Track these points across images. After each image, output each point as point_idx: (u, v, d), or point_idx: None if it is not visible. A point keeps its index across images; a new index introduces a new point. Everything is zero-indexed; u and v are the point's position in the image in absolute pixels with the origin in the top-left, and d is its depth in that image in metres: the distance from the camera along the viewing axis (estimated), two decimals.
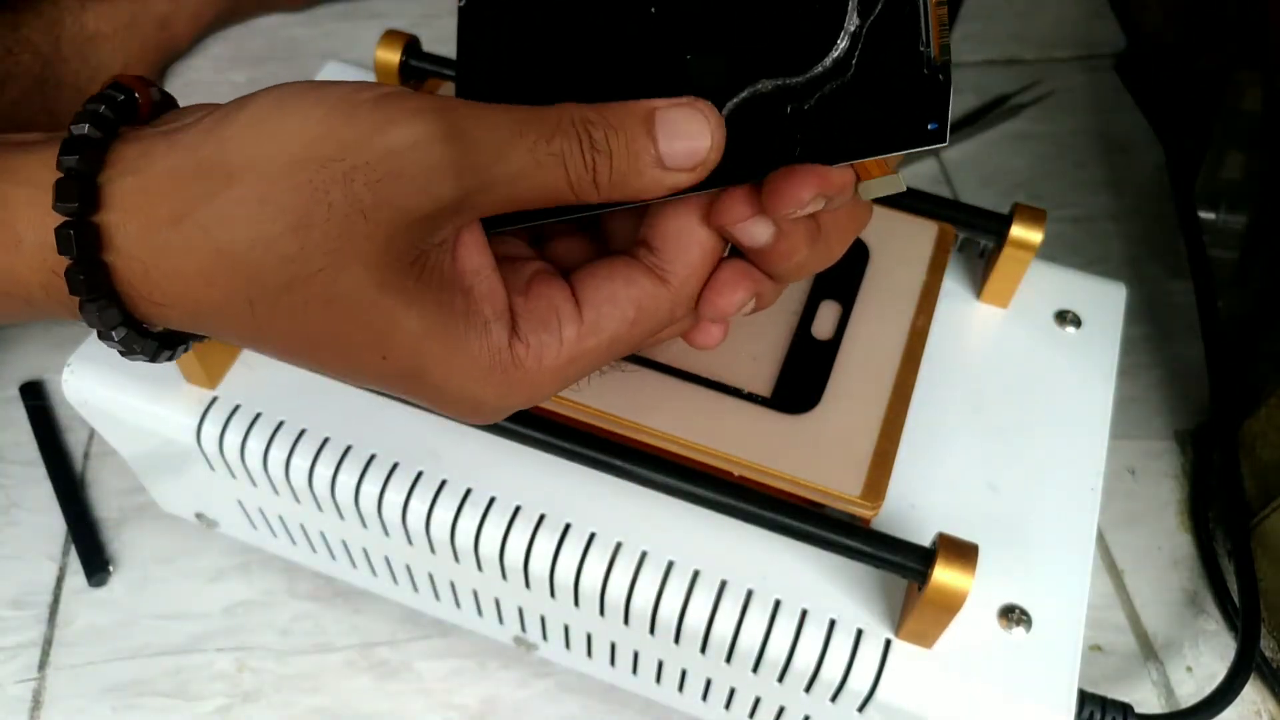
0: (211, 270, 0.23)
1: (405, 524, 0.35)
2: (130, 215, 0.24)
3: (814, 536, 0.31)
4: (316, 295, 0.23)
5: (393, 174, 0.23)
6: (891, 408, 0.34)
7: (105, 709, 0.42)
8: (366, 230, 0.23)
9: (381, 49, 0.41)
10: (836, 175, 0.25)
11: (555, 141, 0.24)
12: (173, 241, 0.23)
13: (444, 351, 0.24)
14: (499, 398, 0.25)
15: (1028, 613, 0.33)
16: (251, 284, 0.23)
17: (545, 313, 0.26)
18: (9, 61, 0.54)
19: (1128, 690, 0.43)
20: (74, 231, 0.23)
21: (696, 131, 0.25)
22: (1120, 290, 0.41)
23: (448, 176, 0.23)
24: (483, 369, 0.25)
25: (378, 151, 0.23)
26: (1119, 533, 0.48)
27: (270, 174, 0.23)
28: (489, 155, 0.23)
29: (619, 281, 0.26)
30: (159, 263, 0.24)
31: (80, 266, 0.23)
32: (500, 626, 0.40)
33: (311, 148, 0.23)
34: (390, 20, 0.69)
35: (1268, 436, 0.45)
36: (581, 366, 0.26)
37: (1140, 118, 0.64)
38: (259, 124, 0.23)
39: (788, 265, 0.27)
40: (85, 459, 0.49)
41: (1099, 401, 0.38)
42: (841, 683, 0.32)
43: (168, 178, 0.24)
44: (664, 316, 0.27)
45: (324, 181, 0.22)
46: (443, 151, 0.23)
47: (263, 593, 0.45)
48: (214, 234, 0.23)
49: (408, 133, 0.23)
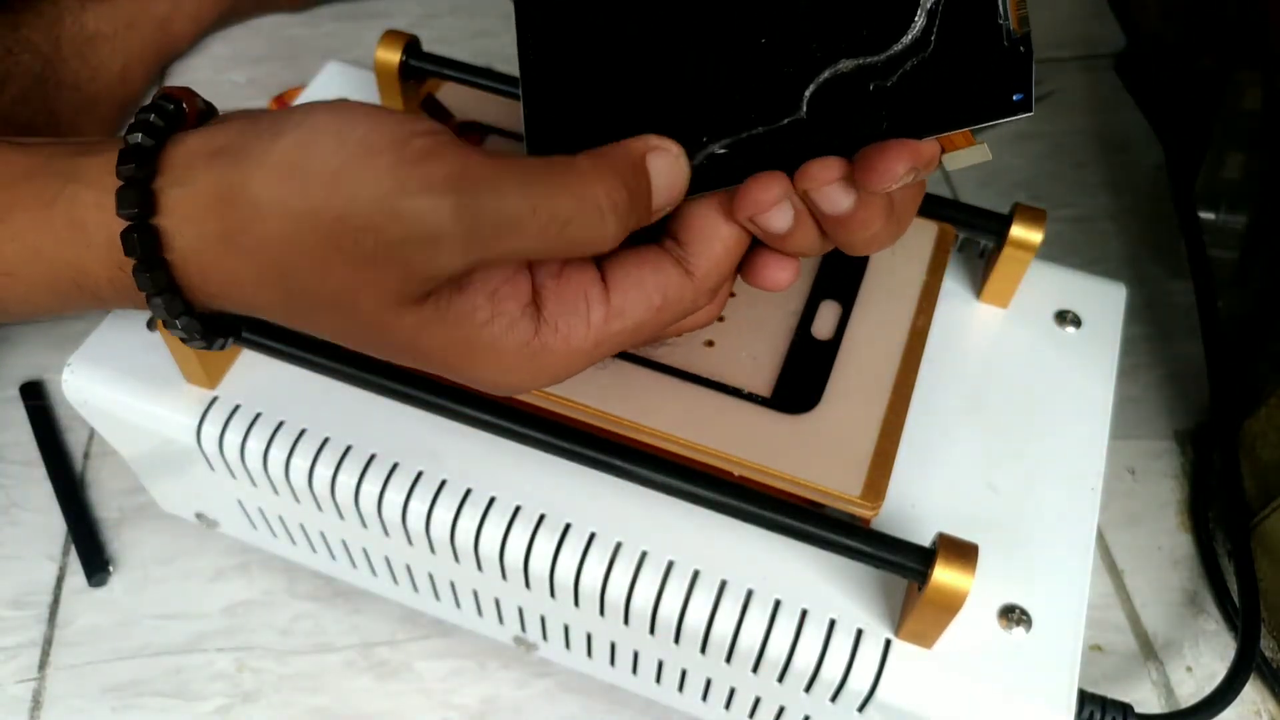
0: (257, 281, 0.26)
1: (405, 524, 0.35)
2: (184, 224, 0.26)
3: (814, 536, 0.31)
4: (341, 317, 0.26)
5: (401, 240, 0.24)
6: (891, 408, 0.34)
7: (105, 709, 0.42)
8: (375, 278, 0.25)
9: (381, 49, 0.41)
10: (926, 148, 0.26)
11: (579, 230, 0.25)
12: (223, 256, 0.26)
13: (471, 354, 0.26)
14: (527, 379, 0.27)
15: (1028, 613, 0.33)
16: (290, 299, 0.26)
17: (574, 297, 0.27)
18: (9, 61, 0.54)
19: (1128, 690, 0.43)
20: (137, 235, 0.26)
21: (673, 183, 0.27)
22: (1120, 290, 0.41)
23: (456, 250, 0.24)
24: (510, 361, 0.26)
25: (386, 216, 0.24)
26: (1119, 533, 0.48)
27: (293, 217, 0.25)
28: (499, 230, 0.24)
29: (647, 269, 0.27)
30: (213, 270, 0.26)
31: (144, 265, 0.26)
32: (500, 626, 0.40)
33: (328, 200, 0.24)
34: (390, 20, 0.69)
35: (1268, 436, 0.45)
36: (606, 349, 0.27)
37: (1140, 118, 0.64)
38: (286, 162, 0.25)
39: (863, 236, 0.28)
40: (85, 459, 0.49)
41: (1099, 401, 0.38)
42: (841, 683, 0.32)
43: (212, 198, 0.26)
44: (686, 305, 0.28)
45: (338, 232, 0.24)
46: (451, 229, 0.24)
47: (263, 593, 0.45)
48: (255, 256, 0.26)
49: (417, 206, 0.24)
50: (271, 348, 0.34)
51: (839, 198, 0.27)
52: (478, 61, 0.42)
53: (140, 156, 0.26)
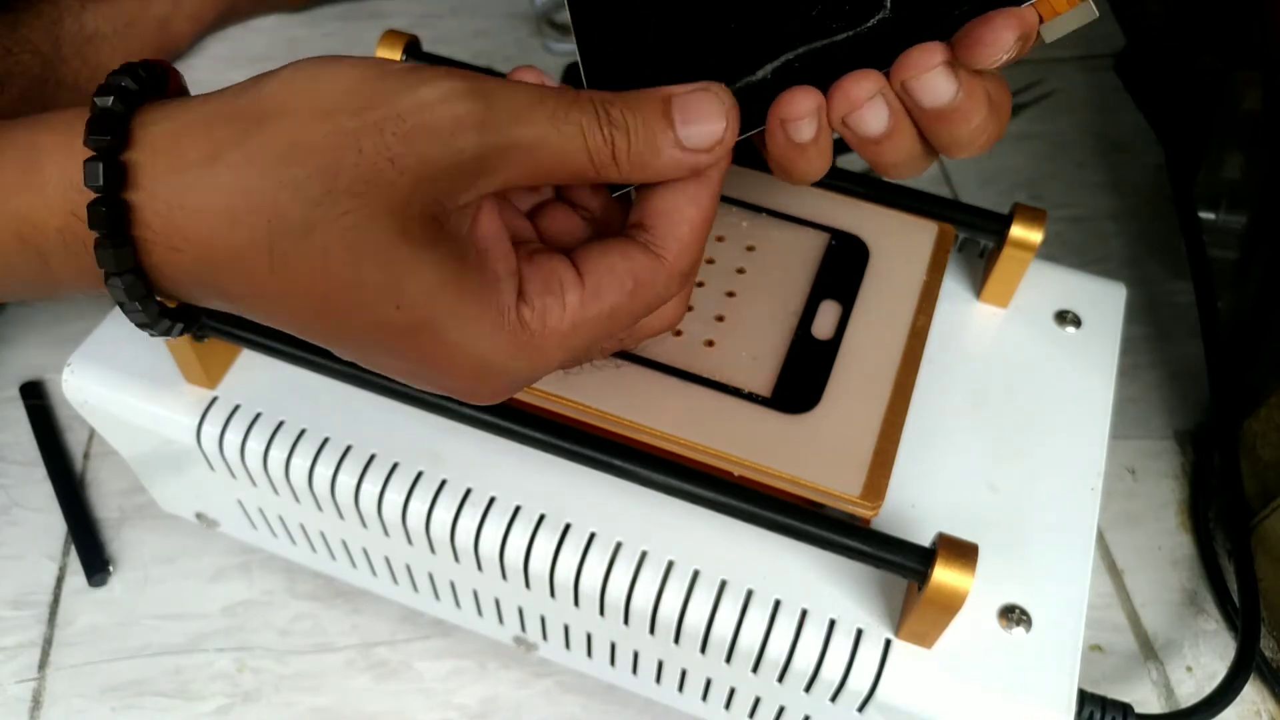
0: (237, 209, 0.24)
1: (405, 524, 0.35)
2: (159, 155, 0.24)
3: (814, 536, 0.31)
4: (337, 239, 0.24)
5: (421, 125, 0.24)
6: (891, 408, 0.34)
7: (105, 709, 0.42)
8: (393, 178, 0.23)
9: (381, 49, 0.41)
10: (1028, 15, 0.25)
11: (573, 112, 0.25)
12: (201, 180, 0.24)
13: (456, 302, 0.25)
14: (506, 358, 0.26)
15: (1028, 613, 0.33)
16: (274, 225, 0.24)
17: (548, 277, 0.26)
18: (9, 61, 0.54)
19: (1128, 690, 0.43)
20: (102, 164, 0.24)
21: (712, 114, 0.26)
22: (1120, 290, 0.41)
23: (471, 130, 0.24)
24: (493, 322, 0.25)
25: (408, 103, 0.24)
26: (1119, 533, 0.48)
27: (303, 118, 0.24)
28: (511, 116, 0.24)
29: (616, 255, 0.27)
30: (184, 200, 0.24)
31: (103, 201, 0.24)
32: (500, 626, 0.40)
33: (345, 98, 0.24)
34: (390, 20, 0.69)
35: (1268, 436, 0.45)
36: (584, 335, 0.27)
37: (1140, 118, 0.64)
38: (294, 76, 0.24)
39: (966, 130, 0.27)
40: (85, 459, 0.49)
41: (1099, 401, 0.38)
42: (841, 683, 0.32)
43: (201, 123, 0.24)
44: (659, 290, 0.27)
45: (355, 129, 0.23)
46: (468, 107, 0.24)
47: (263, 593, 0.45)
48: (242, 174, 0.24)
49: (436, 88, 0.24)
50: (272, 348, 0.34)
51: (942, 85, 0.26)
52: (478, 61, 0.42)
53: (122, 93, 0.25)
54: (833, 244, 0.38)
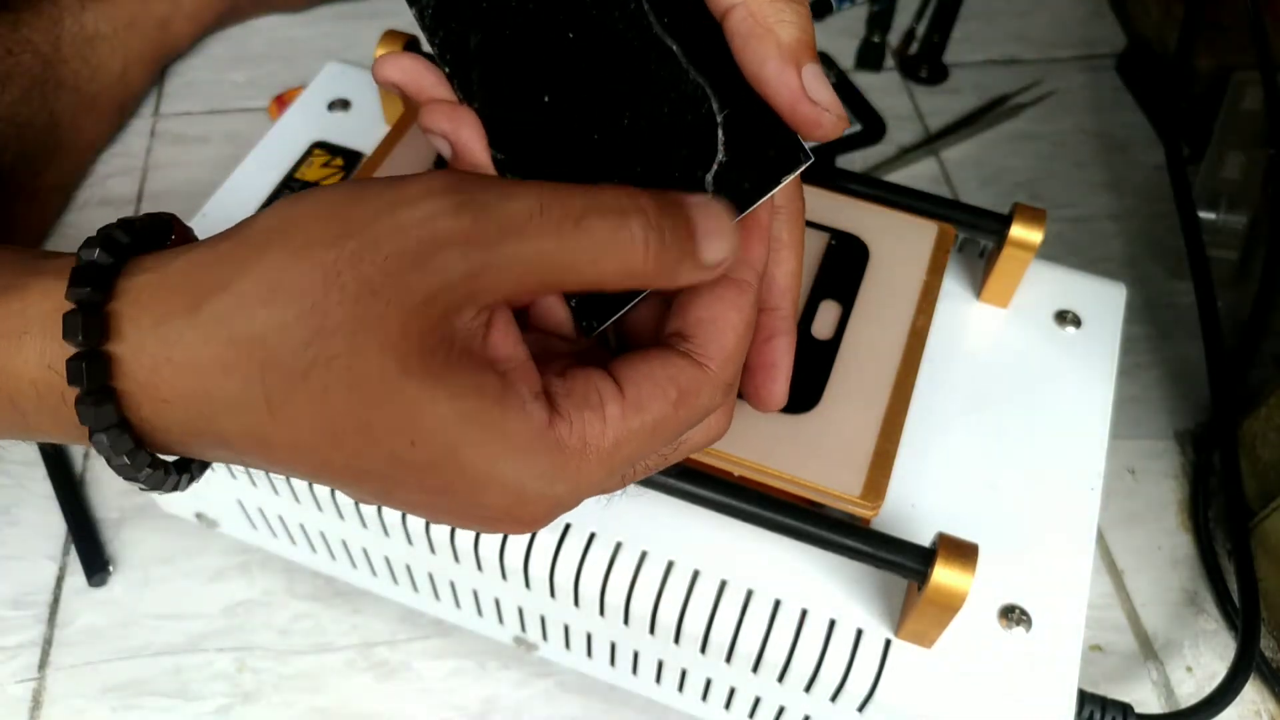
0: (227, 359, 0.22)
1: (405, 524, 0.35)
2: (144, 308, 0.23)
3: (814, 536, 0.31)
4: (336, 381, 0.22)
5: (399, 252, 0.22)
6: (891, 408, 0.34)
7: (105, 709, 0.42)
8: (380, 311, 0.22)
9: (381, 49, 0.41)
10: None
11: (598, 222, 0.23)
12: (187, 333, 0.23)
13: (478, 434, 0.23)
14: (544, 483, 0.24)
15: (1028, 613, 0.33)
16: (268, 372, 0.22)
17: (585, 390, 0.24)
18: (9, 62, 0.54)
19: (1128, 690, 0.43)
20: (82, 318, 0.22)
21: (726, 233, 0.25)
22: (1120, 290, 0.41)
23: (455, 250, 0.22)
24: (522, 448, 0.23)
25: (384, 228, 0.22)
26: (1119, 533, 0.48)
27: (282, 257, 0.22)
28: (502, 230, 0.22)
29: (655, 362, 0.25)
30: (171, 354, 0.23)
31: (83, 356, 0.22)
32: (500, 626, 0.40)
33: (321, 229, 0.22)
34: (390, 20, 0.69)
35: (1268, 436, 0.45)
36: (627, 452, 0.25)
37: (1140, 118, 0.64)
38: (274, 213, 0.23)
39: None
40: (85, 459, 0.49)
41: (1099, 401, 0.38)
42: (841, 683, 0.32)
43: (185, 271, 0.23)
44: (704, 401, 0.26)
45: (334, 263, 0.22)
46: (450, 225, 0.22)
47: (263, 593, 0.45)
48: (229, 322, 0.22)
49: (415, 211, 0.22)
50: None
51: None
52: None
53: (108, 244, 0.23)
54: (832, 244, 0.38)
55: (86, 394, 0.23)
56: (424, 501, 0.24)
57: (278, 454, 0.23)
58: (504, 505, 0.24)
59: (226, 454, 0.24)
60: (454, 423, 0.22)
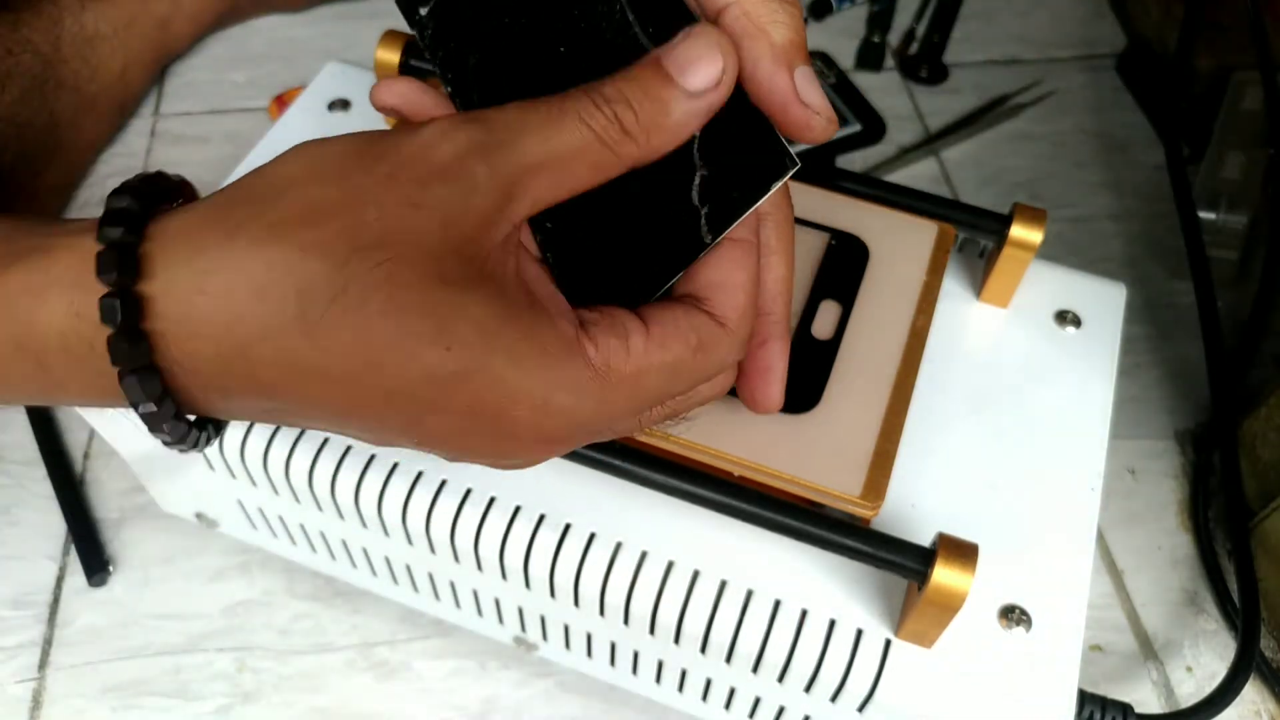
0: (263, 281, 0.22)
1: (405, 524, 0.35)
2: (177, 244, 0.23)
3: (814, 536, 0.31)
4: (375, 292, 0.22)
5: (431, 167, 0.23)
6: (891, 408, 0.34)
7: (105, 709, 0.42)
8: (419, 223, 0.23)
9: (381, 49, 0.41)
10: None
11: (567, 104, 0.24)
12: (222, 260, 0.23)
13: (510, 339, 0.23)
14: (570, 395, 0.24)
15: (1028, 613, 0.33)
16: (304, 294, 0.22)
17: (612, 321, 0.25)
18: (9, 62, 0.54)
19: (1128, 690, 0.43)
20: (117, 254, 0.23)
21: (706, 53, 0.25)
22: (1120, 290, 0.41)
23: (477, 157, 0.24)
24: (552, 356, 0.24)
25: (412, 148, 0.24)
26: (1119, 533, 0.48)
27: (316, 184, 0.23)
28: (509, 131, 0.24)
29: (679, 311, 0.26)
30: (205, 285, 0.23)
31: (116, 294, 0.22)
32: (500, 626, 0.40)
33: (353, 160, 0.24)
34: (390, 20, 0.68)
35: (1268, 436, 0.45)
36: (649, 385, 0.25)
37: (1140, 118, 0.64)
38: (298, 154, 0.24)
39: None
40: (85, 459, 0.49)
41: (1099, 401, 0.38)
42: (841, 683, 0.32)
43: (215, 208, 0.24)
44: (721, 355, 0.26)
45: (370, 184, 0.23)
46: (467, 134, 0.24)
47: (263, 593, 0.45)
48: (264, 246, 0.23)
49: (432, 129, 0.24)
50: None
51: None
52: None
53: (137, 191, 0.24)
54: (832, 244, 0.38)
55: (119, 333, 0.23)
56: (452, 426, 0.24)
57: (308, 387, 0.23)
58: (531, 420, 0.24)
59: (255, 397, 0.24)
60: (489, 326, 0.23)
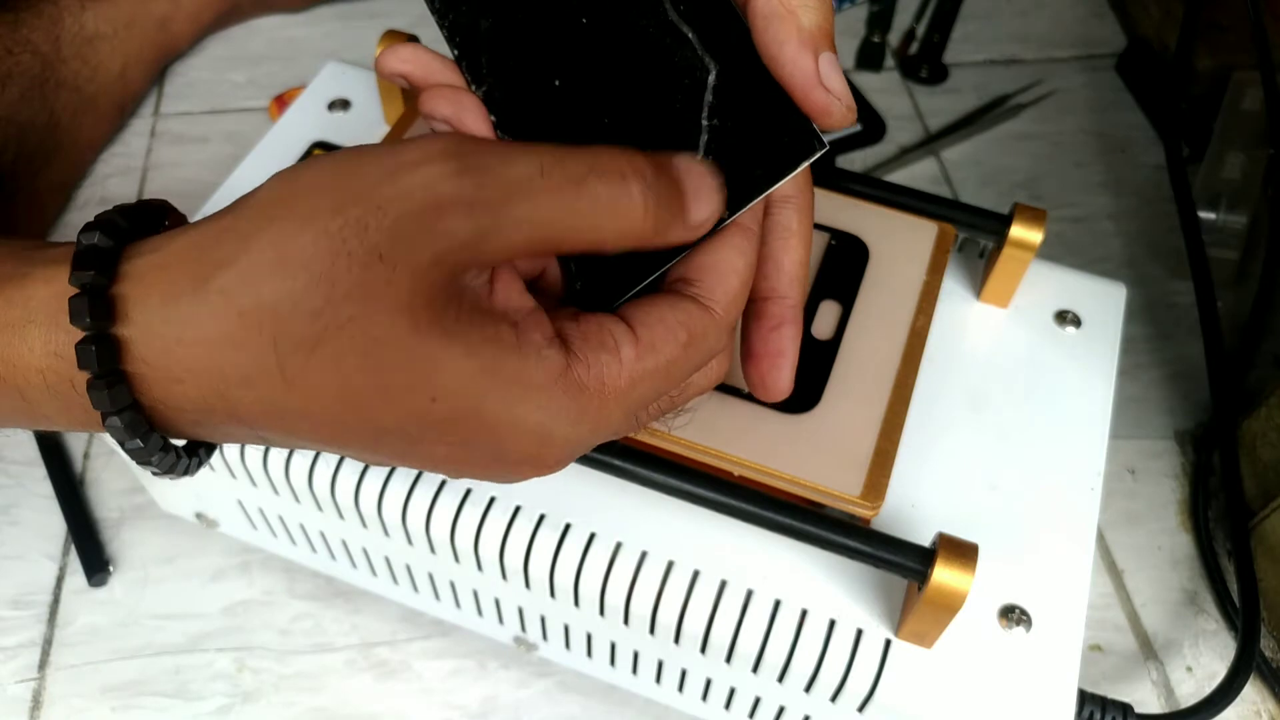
0: (238, 333, 0.22)
1: (405, 524, 0.35)
2: (150, 288, 0.23)
3: (814, 536, 0.31)
4: (350, 347, 0.22)
5: (404, 215, 0.22)
6: (891, 408, 0.34)
7: (105, 709, 0.42)
8: (388, 275, 0.22)
9: (382, 49, 0.41)
10: None
11: (599, 185, 0.23)
12: (196, 309, 0.23)
13: (498, 383, 0.23)
14: (566, 424, 0.24)
15: (1028, 613, 0.33)
16: (280, 343, 0.22)
17: (600, 333, 0.25)
18: (9, 62, 0.54)
19: (1128, 690, 0.43)
20: (89, 300, 0.22)
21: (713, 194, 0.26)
22: (1120, 290, 0.41)
23: (460, 213, 0.22)
24: (544, 392, 0.23)
25: (388, 194, 0.22)
26: (1119, 533, 0.48)
27: (288, 228, 0.22)
28: (506, 193, 0.23)
29: (664, 306, 0.26)
30: (182, 334, 0.23)
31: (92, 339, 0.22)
32: (500, 626, 0.40)
33: (324, 198, 0.23)
34: (390, 20, 0.69)
35: (1268, 436, 0.45)
36: (642, 391, 0.25)
37: (1140, 118, 0.64)
38: (275, 185, 0.23)
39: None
40: (85, 459, 0.49)
41: (1099, 401, 0.38)
42: (841, 683, 0.32)
43: (188, 249, 0.23)
44: (711, 343, 0.26)
45: (339, 231, 0.22)
46: (454, 187, 0.22)
47: (263, 593, 0.45)
48: (237, 296, 0.22)
49: (417, 175, 0.22)
50: None
51: None
52: None
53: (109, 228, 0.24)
54: (832, 244, 0.38)
55: (98, 378, 0.23)
56: (446, 455, 0.24)
57: (293, 425, 0.23)
58: (528, 450, 0.24)
59: (240, 430, 0.24)
60: (473, 375, 0.23)
